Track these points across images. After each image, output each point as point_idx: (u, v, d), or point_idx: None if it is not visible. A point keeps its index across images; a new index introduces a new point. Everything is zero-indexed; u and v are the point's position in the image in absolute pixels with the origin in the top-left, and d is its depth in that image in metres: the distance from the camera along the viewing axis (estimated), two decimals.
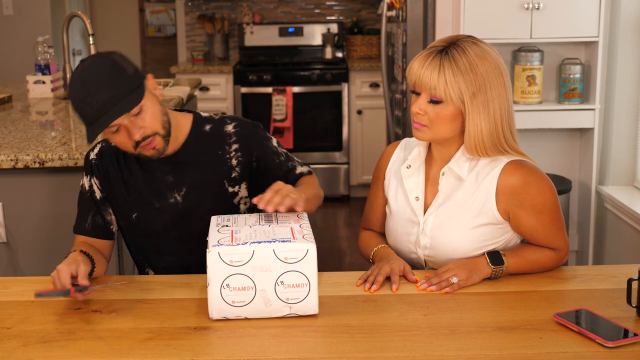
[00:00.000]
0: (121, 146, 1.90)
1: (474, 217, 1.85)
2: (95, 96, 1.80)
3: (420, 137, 1.87)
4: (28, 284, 1.84)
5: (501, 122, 1.82)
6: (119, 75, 1.82)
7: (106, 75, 1.81)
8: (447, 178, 1.89)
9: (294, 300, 1.61)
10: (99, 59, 1.86)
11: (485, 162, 1.86)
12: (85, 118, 1.84)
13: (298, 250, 1.59)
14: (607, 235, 3.65)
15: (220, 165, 2.04)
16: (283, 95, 5.51)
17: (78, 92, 1.83)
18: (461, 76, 1.77)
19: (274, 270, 1.59)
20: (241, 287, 1.58)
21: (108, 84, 1.80)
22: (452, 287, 1.75)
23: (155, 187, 2.03)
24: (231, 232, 1.65)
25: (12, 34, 5.94)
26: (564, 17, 3.44)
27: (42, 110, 3.53)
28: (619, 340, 1.48)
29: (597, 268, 1.92)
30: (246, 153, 2.05)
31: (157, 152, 1.92)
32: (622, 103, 3.53)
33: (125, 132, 1.86)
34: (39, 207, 2.51)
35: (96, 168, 2.05)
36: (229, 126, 2.06)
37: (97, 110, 1.80)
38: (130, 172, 2.04)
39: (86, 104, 1.81)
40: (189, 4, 6.28)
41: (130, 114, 1.83)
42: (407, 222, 1.94)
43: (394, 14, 4.09)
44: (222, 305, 1.59)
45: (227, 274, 1.58)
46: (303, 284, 1.61)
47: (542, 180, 1.83)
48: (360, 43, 6.02)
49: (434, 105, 1.80)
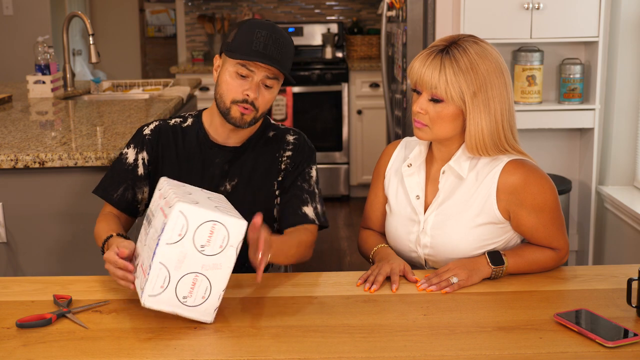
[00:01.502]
0: (228, 90, 1.96)
1: (474, 216, 1.85)
2: (279, 48, 1.94)
3: (421, 137, 1.87)
4: (28, 284, 1.84)
5: (502, 121, 1.82)
6: (292, 57, 2.02)
7: (292, 48, 2.01)
8: (447, 177, 1.89)
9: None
10: (288, 34, 2.02)
11: (486, 162, 1.86)
12: (249, 46, 1.92)
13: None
14: (607, 235, 3.65)
15: (273, 166, 2.07)
16: (283, 95, 5.51)
17: (267, 28, 1.95)
18: (462, 75, 1.77)
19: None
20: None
21: (290, 54, 1.99)
22: (452, 287, 1.75)
23: (212, 172, 2.06)
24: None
25: (12, 34, 5.94)
26: (564, 17, 3.44)
27: (42, 110, 3.53)
28: (619, 340, 1.48)
29: (597, 268, 1.92)
30: (292, 162, 2.07)
31: (241, 122, 1.98)
32: (622, 103, 3.53)
33: (247, 84, 1.94)
34: (39, 207, 2.51)
35: (149, 143, 2.07)
36: (290, 136, 2.11)
37: (270, 55, 1.92)
38: (188, 154, 2.07)
39: (267, 43, 1.92)
40: (189, 4, 6.28)
41: (269, 81, 1.96)
42: (408, 221, 1.94)
43: (394, 14, 4.10)
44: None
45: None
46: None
47: (542, 180, 1.83)
48: (360, 43, 6.02)
49: (435, 105, 1.81)
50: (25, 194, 2.50)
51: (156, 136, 2.08)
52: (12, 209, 2.52)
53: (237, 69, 1.94)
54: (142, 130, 2.10)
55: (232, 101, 1.96)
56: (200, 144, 2.07)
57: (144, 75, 7.16)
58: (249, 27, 1.96)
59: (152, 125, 2.10)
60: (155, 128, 2.09)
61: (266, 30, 1.94)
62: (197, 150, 2.06)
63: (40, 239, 2.53)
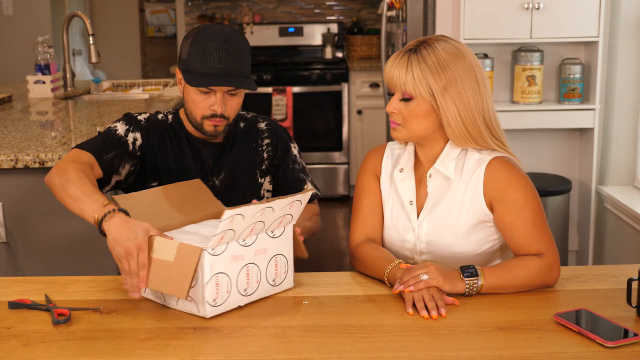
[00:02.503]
0: (195, 108, 2.00)
1: (466, 218, 1.84)
2: (234, 56, 1.95)
3: (396, 137, 1.87)
4: (28, 284, 1.84)
5: (479, 114, 1.82)
6: (250, 58, 2.04)
7: (248, 50, 2.02)
8: (434, 179, 1.88)
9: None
10: (241, 34, 2.03)
11: (471, 162, 1.86)
12: (204, 63, 1.94)
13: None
14: (607, 235, 3.65)
15: (254, 156, 2.15)
16: (283, 95, 5.51)
17: (218, 40, 1.95)
18: (429, 71, 1.79)
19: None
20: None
21: (247, 57, 2.00)
22: (416, 286, 1.66)
23: (200, 167, 2.11)
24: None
25: (12, 34, 5.94)
26: (564, 17, 3.44)
27: (42, 110, 3.53)
28: (619, 340, 1.48)
29: (597, 268, 1.92)
30: (274, 148, 2.17)
31: (215, 133, 2.03)
32: (622, 103, 3.53)
33: (212, 98, 1.98)
34: (39, 207, 2.51)
35: (144, 129, 2.08)
36: (261, 124, 2.19)
37: (226, 69, 1.95)
38: (180, 149, 2.11)
39: (221, 56, 1.94)
40: (189, 4, 6.28)
41: (234, 91, 1.99)
42: (402, 229, 1.91)
43: (394, 14, 4.10)
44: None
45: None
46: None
47: (525, 180, 1.83)
48: (360, 43, 6.02)
49: (406, 103, 1.82)
50: (25, 194, 2.50)
51: (151, 126, 2.10)
52: (12, 209, 2.52)
53: (196, 89, 1.98)
54: (134, 115, 2.11)
55: (202, 117, 2.02)
56: (188, 141, 2.12)
57: (144, 75, 7.16)
58: (201, 41, 1.96)
59: (144, 114, 2.12)
60: (148, 118, 2.11)
61: (218, 43, 1.95)
62: (187, 146, 2.11)
63: (40, 239, 2.53)
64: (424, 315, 1.61)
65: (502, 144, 1.87)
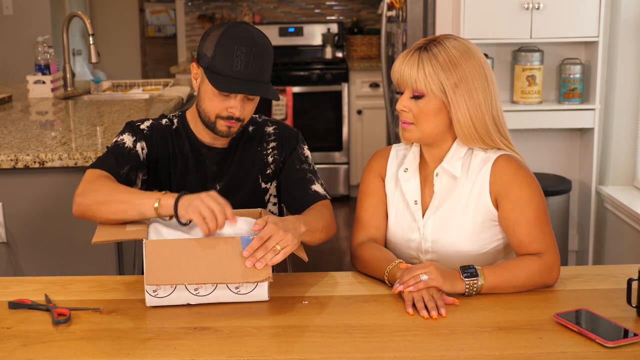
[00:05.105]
0: (211, 106, 1.97)
1: (472, 217, 1.84)
2: (260, 62, 1.92)
3: (408, 138, 1.86)
4: (28, 284, 1.84)
5: (488, 111, 1.83)
6: (272, 58, 2.00)
7: (272, 55, 1.98)
8: (441, 178, 1.88)
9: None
10: (266, 37, 1.99)
11: (477, 161, 1.86)
12: (230, 66, 1.90)
13: None
14: (607, 235, 3.65)
15: (258, 160, 2.10)
16: (283, 95, 5.51)
17: (247, 43, 1.91)
18: (440, 67, 1.79)
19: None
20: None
21: (271, 63, 1.97)
22: (416, 286, 1.66)
23: (203, 173, 2.08)
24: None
25: (12, 34, 5.94)
26: (564, 17, 3.44)
27: (42, 110, 3.53)
28: (619, 340, 1.48)
29: (597, 268, 1.92)
30: (280, 152, 2.11)
31: (228, 134, 2.00)
32: (622, 103, 3.53)
33: (230, 101, 1.94)
34: (39, 207, 2.51)
35: (148, 137, 2.06)
36: (269, 128, 2.14)
37: (252, 74, 1.91)
38: (182, 154, 2.07)
39: (248, 61, 1.90)
40: (189, 4, 6.28)
41: (253, 96, 1.96)
42: (407, 229, 1.92)
43: (394, 14, 4.10)
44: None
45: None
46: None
47: (531, 178, 1.83)
48: (360, 43, 6.02)
49: (417, 101, 1.82)
50: (25, 194, 2.50)
51: (154, 133, 2.07)
52: (12, 209, 2.52)
53: (217, 92, 1.94)
54: (136, 124, 2.08)
55: (217, 116, 1.98)
56: (191, 146, 2.08)
57: (144, 75, 7.16)
58: (229, 41, 1.91)
59: (146, 122, 2.09)
60: (151, 126, 2.08)
61: (247, 46, 1.91)
62: (189, 152, 2.07)
63: (40, 239, 2.53)
64: (424, 315, 1.61)
65: (509, 142, 1.88)
